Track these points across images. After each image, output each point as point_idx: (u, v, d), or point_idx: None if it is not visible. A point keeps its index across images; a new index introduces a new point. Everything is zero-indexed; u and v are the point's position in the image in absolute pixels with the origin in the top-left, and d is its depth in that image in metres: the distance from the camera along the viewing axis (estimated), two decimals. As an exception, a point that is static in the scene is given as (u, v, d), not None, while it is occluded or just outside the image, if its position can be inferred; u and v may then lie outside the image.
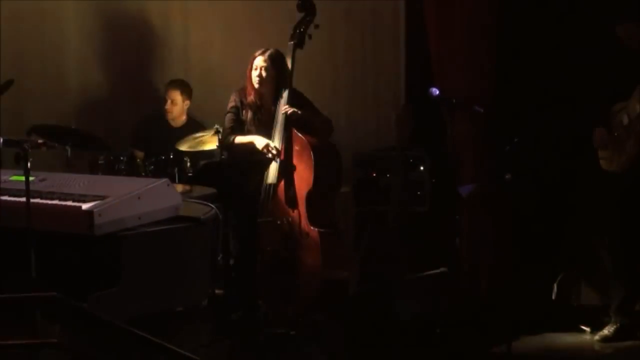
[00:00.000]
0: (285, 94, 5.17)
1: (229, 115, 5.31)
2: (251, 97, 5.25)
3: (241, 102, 5.29)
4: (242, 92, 5.30)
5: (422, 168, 6.12)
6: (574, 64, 5.68)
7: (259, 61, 5.20)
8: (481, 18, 5.82)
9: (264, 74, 5.18)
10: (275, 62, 5.19)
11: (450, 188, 5.73)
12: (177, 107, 6.30)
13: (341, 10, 6.86)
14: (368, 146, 6.69)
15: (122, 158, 5.85)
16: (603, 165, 5.11)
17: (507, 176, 4.59)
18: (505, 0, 5.91)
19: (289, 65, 5.22)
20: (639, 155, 4.94)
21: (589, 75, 5.28)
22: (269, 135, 5.16)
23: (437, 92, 5.33)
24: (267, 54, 5.20)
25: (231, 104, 5.31)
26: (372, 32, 6.96)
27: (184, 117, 6.36)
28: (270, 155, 5.08)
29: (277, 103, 5.20)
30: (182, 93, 6.30)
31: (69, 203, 3.63)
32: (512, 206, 4.60)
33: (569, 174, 5.68)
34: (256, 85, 5.20)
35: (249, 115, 5.26)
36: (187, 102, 6.33)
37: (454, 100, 5.42)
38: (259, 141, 5.13)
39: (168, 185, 3.85)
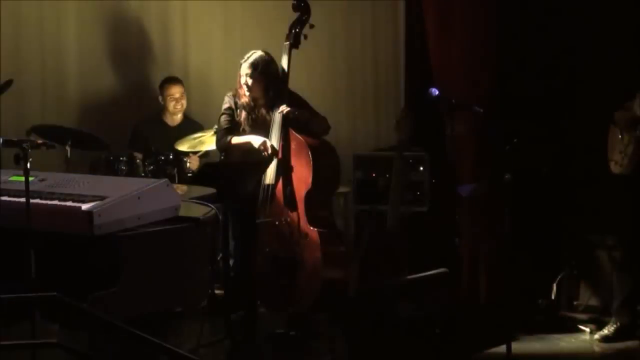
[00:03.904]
0: (281, 95, 5.17)
1: (223, 116, 5.32)
2: (244, 99, 5.26)
3: (235, 103, 5.30)
4: (236, 93, 5.30)
5: (422, 168, 6.12)
6: (574, 64, 5.69)
7: (243, 69, 5.21)
8: (481, 18, 5.82)
9: (249, 81, 5.20)
10: (259, 69, 5.18)
11: (450, 188, 5.73)
12: (184, 101, 6.33)
13: (341, 10, 6.87)
14: (368, 146, 6.69)
15: (122, 158, 5.86)
16: (612, 168, 5.13)
17: (506, 176, 4.59)
18: (505, 0, 5.91)
19: (285, 65, 5.21)
20: (638, 161, 4.97)
21: (589, 75, 5.28)
22: (265, 135, 5.16)
23: (437, 92, 5.33)
24: (249, 61, 5.20)
25: (225, 105, 5.32)
26: (372, 32, 6.96)
27: (180, 115, 6.38)
28: (266, 153, 5.08)
29: (270, 103, 5.20)
30: (182, 86, 6.34)
31: (69, 203, 3.63)
32: (512, 206, 4.60)
33: (568, 174, 5.68)
34: (245, 93, 5.22)
35: (243, 115, 5.27)
36: (185, 98, 6.37)
37: (454, 100, 5.42)
38: (256, 140, 5.14)
39: (167, 185, 3.84)
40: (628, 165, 5.03)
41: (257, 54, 5.23)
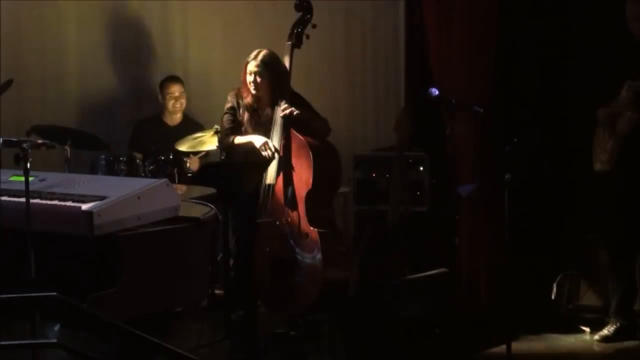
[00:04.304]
0: (283, 94, 5.17)
1: (226, 116, 5.31)
2: (247, 99, 5.25)
3: (237, 102, 5.29)
4: (238, 92, 5.29)
5: (422, 168, 6.12)
6: (574, 64, 5.69)
7: (252, 67, 5.18)
8: (481, 18, 5.82)
9: (258, 79, 5.17)
10: (269, 66, 5.17)
11: (450, 188, 5.73)
12: (184, 100, 6.34)
13: (341, 10, 6.87)
14: (368, 146, 6.69)
15: (122, 158, 5.85)
16: (596, 167, 5.14)
17: (506, 176, 4.59)
18: (505, 0, 5.91)
19: (287, 65, 5.21)
20: (619, 154, 4.97)
21: (590, 75, 5.28)
22: (266, 135, 5.16)
23: (437, 92, 5.33)
24: (259, 58, 5.17)
25: (228, 104, 5.32)
26: (372, 32, 6.96)
27: (179, 115, 6.39)
28: (267, 153, 5.07)
29: (274, 104, 5.19)
30: (182, 86, 6.36)
31: (69, 203, 3.63)
32: (512, 206, 4.60)
33: (567, 173, 5.68)
34: (252, 91, 5.20)
35: (245, 116, 5.27)
36: (185, 97, 6.38)
37: (454, 100, 5.42)
38: (258, 140, 5.13)
39: (167, 185, 3.84)
40: (609, 162, 5.02)
41: (264, 51, 5.21)
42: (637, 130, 4.94)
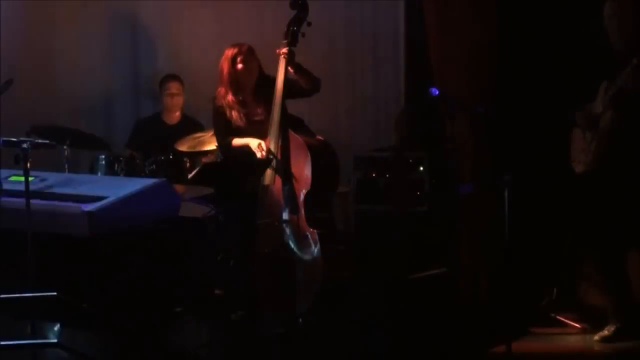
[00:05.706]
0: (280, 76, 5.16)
1: (219, 116, 5.30)
2: (232, 96, 5.23)
3: (228, 102, 5.28)
4: (224, 92, 5.28)
5: (421, 168, 6.12)
6: (574, 64, 5.69)
7: (241, 56, 5.19)
8: (481, 17, 5.82)
9: (249, 64, 5.19)
10: (254, 53, 5.22)
11: (450, 188, 5.73)
12: (180, 98, 6.35)
13: (341, 9, 6.87)
14: (368, 146, 6.69)
15: (122, 158, 5.86)
16: (576, 168, 5.14)
17: (506, 176, 4.59)
18: (505, 0, 5.91)
19: (283, 64, 5.22)
20: (602, 155, 4.98)
21: (590, 75, 5.28)
22: (259, 130, 5.15)
23: (437, 92, 5.33)
24: (244, 47, 5.22)
25: (217, 105, 5.31)
26: (372, 33, 6.97)
27: (178, 113, 6.40)
28: (260, 154, 5.06)
29: (258, 97, 5.19)
30: (181, 84, 6.37)
31: (69, 203, 3.64)
32: (511, 206, 4.60)
33: (566, 173, 5.68)
34: (245, 80, 5.19)
35: (234, 114, 5.25)
36: (183, 95, 6.38)
37: (454, 100, 5.42)
38: (254, 142, 5.13)
39: (167, 185, 3.85)
40: (592, 161, 5.02)
41: (244, 44, 5.25)
42: (619, 128, 4.94)
